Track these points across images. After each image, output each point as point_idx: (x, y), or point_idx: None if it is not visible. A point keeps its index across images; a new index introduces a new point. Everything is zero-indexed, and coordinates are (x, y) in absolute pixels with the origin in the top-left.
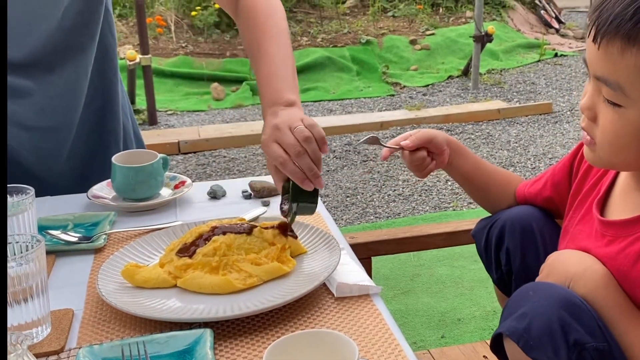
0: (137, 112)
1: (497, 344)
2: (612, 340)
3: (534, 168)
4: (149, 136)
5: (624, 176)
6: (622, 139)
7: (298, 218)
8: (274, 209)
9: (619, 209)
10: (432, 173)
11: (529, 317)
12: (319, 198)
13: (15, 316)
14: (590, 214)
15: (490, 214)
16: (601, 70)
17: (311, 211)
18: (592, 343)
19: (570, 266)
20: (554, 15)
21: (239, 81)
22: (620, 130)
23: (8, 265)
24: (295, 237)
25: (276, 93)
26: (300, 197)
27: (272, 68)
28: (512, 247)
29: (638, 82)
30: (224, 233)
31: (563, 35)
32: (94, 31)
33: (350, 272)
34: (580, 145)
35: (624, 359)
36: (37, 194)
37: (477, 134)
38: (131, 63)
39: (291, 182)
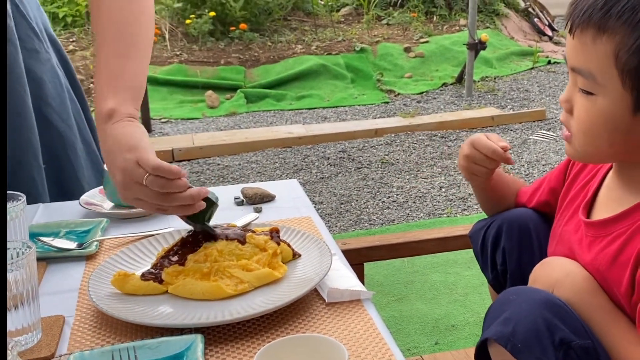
0: None
1: (480, 353)
2: (596, 339)
3: (528, 174)
4: None
5: (609, 178)
6: (594, 127)
7: (288, 223)
8: (266, 215)
9: (602, 210)
10: (426, 179)
11: (514, 321)
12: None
13: None
14: (577, 216)
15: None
16: (576, 60)
17: (215, 209)
18: (577, 341)
19: (553, 273)
20: (547, 23)
21: (233, 89)
22: (593, 119)
23: None
24: (288, 244)
25: (97, 103)
26: (200, 215)
27: (95, 69)
28: (509, 246)
29: (607, 70)
30: (215, 239)
31: (556, 43)
32: None
33: (341, 277)
34: None
35: (607, 356)
36: None
37: None
38: None
39: None
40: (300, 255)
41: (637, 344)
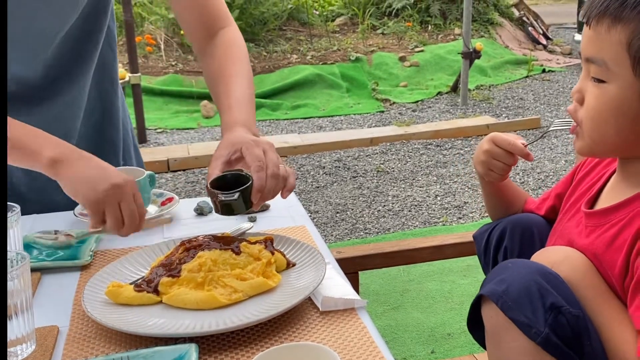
0: None
1: (473, 321)
2: (586, 312)
3: (523, 182)
4: None
5: (613, 177)
6: (603, 113)
7: (283, 232)
8: (260, 225)
9: (604, 203)
10: (421, 188)
11: (508, 282)
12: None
13: None
14: (579, 212)
15: None
16: (590, 49)
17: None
18: (567, 307)
19: (551, 256)
20: (541, 32)
21: None
22: (602, 105)
23: None
24: (282, 253)
25: (233, 111)
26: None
27: (232, 91)
28: (511, 247)
29: (620, 57)
30: (209, 249)
31: (550, 51)
32: (97, 41)
33: (335, 286)
34: (584, 159)
35: (596, 330)
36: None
37: (466, 149)
38: (120, 82)
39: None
40: (294, 265)
41: (626, 325)
